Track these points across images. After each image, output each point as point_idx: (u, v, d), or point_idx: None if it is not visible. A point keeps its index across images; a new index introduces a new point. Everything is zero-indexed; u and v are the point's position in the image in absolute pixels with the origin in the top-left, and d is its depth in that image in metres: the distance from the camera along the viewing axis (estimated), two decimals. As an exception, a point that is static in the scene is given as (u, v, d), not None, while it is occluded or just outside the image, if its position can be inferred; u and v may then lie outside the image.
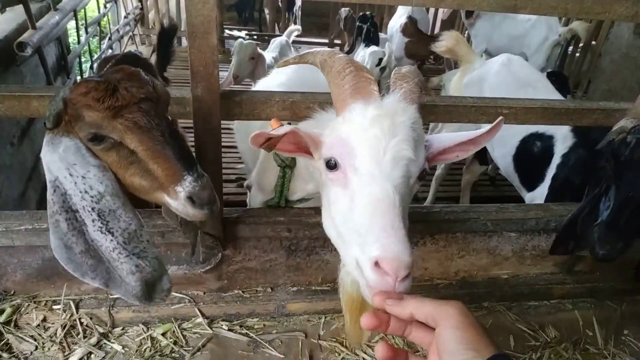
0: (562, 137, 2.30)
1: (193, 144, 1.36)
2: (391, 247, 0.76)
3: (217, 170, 1.39)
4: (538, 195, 2.33)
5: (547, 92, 2.64)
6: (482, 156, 3.22)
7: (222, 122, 1.35)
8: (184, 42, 7.30)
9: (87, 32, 4.20)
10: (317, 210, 1.62)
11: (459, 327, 0.68)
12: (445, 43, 3.16)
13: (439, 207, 1.76)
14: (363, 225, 0.82)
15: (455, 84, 3.21)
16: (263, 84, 2.24)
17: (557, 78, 3.56)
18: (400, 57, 5.17)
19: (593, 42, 5.87)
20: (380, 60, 4.35)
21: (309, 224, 1.58)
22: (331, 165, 0.93)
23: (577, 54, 6.03)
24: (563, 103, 1.61)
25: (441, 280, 1.82)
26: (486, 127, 1.03)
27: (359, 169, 0.88)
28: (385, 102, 0.94)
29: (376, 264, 0.75)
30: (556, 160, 2.28)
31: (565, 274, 1.94)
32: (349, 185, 0.90)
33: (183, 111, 1.32)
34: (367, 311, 0.84)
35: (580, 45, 6.04)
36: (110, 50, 5.35)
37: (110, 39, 5.27)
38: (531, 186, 2.41)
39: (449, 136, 1.05)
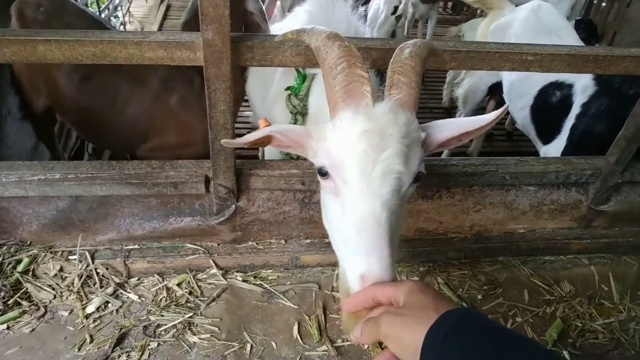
0: (582, 86, 2.21)
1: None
2: (374, 267, 0.80)
3: (229, 118, 1.35)
4: (553, 148, 2.27)
5: (570, 40, 2.52)
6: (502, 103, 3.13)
7: (234, 69, 1.30)
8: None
9: (93, -19, 4.08)
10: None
11: (411, 293, 0.74)
12: None
13: (456, 159, 1.71)
14: (352, 238, 0.85)
15: (482, 30, 3.10)
16: (281, 25, 2.16)
17: (585, 26, 3.41)
18: (416, 2, 4.95)
19: (621, -10, 5.57)
20: (396, 8, 4.18)
21: (323, 176, 1.55)
22: (322, 173, 0.92)
23: (604, 3, 5.74)
24: (592, 49, 1.52)
25: (456, 234, 1.80)
26: (490, 114, 1.00)
27: (348, 182, 0.87)
28: (377, 111, 0.89)
29: (362, 278, 0.81)
30: (575, 110, 2.20)
31: (582, 229, 1.91)
32: (339, 195, 0.90)
33: (192, 56, 1.27)
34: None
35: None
36: (117, 1, 5.23)
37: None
38: (547, 139, 2.34)
39: (450, 124, 1.02)
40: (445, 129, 1.01)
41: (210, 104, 1.32)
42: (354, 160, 0.86)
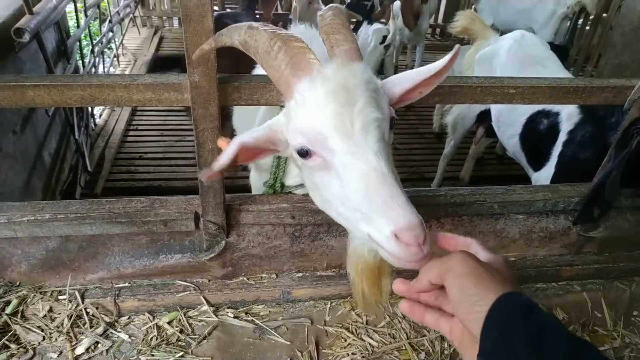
0: (568, 114, 2.26)
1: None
2: (400, 218, 0.75)
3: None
4: (544, 174, 2.30)
5: (556, 70, 2.58)
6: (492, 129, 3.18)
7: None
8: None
9: (86, 16, 4.14)
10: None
11: (461, 275, 0.69)
12: (460, 23, 3.12)
13: (444, 190, 1.73)
14: (362, 203, 0.81)
15: (468, 60, 3.17)
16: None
17: (555, 51, 3.50)
18: (402, 28, 5.03)
19: (604, 15, 5.72)
20: (385, 37, 4.26)
21: (312, 210, 1.56)
22: (303, 153, 0.89)
23: (587, 27, 5.88)
24: (571, 81, 1.56)
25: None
26: (443, 59, 0.99)
27: (334, 150, 0.85)
28: (330, 71, 0.88)
29: (395, 236, 0.75)
30: (562, 137, 2.24)
31: (573, 255, 1.92)
32: (331, 167, 0.86)
33: (180, 97, 1.29)
34: (385, 275, 0.96)
35: (591, 18, 5.88)
36: (110, 33, 5.30)
37: (110, 21, 5.21)
38: (538, 165, 2.37)
39: (407, 76, 1.01)
40: (402, 81, 1.00)
41: (198, 143, 1.33)
42: (331, 125, 0.84)
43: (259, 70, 2.25)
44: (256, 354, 1.48)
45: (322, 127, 0.85)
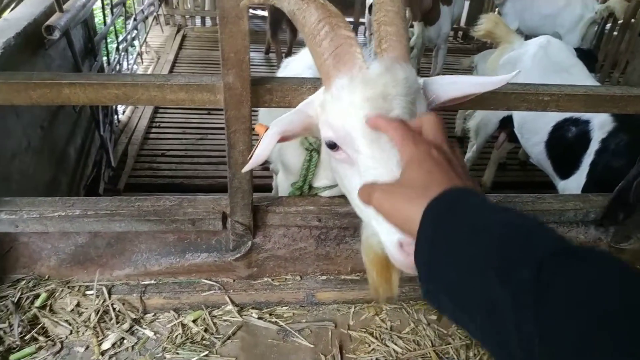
0: (600, 123, 2.21)
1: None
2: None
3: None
4: (573, 183, 2.25)
5: (582, 78, 2.54)
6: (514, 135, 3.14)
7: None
8: (207, 21, 7.26)
9: (112, 14, 4.20)
10: (348, 201, 1.58)
11: (411, 162, 0.71)
12: (484, 26, 3.09)
13: (472, 196, 1.71)
14: None
15: (492, 64, 3.13)
16: (292, 65, 2.18)
17: (580, 56, 3.44)
18: (422, 28, 4.97)
19: (632, 20, 5.60)
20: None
21: (339, 213, 1.55)
22: (331, 145, 0.90)
23: (615, 33, 5.77)
24: (608, 90, 1.52)
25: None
26: (499, 78, 0.99)
27: (359, 151, 0.85)
28: (372, 74, 0.86)
29: (400, 244, 0.77)
30: (594, 146, 2.20)
31: (602, 266, 1.87)
32: (355, 164, 0.87)
33: (213, 99, 1.30)
34: (395, 269, 0.96)
35: (619, 23, 5.76)
36: (135, 31, 5.37)
37: (135, 19, 5.27)
38: (565, 174, 2.33)
39: (459, 83, 0.99)
40: (452, 88, 0.98)
41: (229, 144, 1.34)
42: (361, 130, 0.84)
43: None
44: (280, 355, 1.47)
45: (352, 130, 0.85)
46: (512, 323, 0.49)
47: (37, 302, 1.47)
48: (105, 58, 4.00)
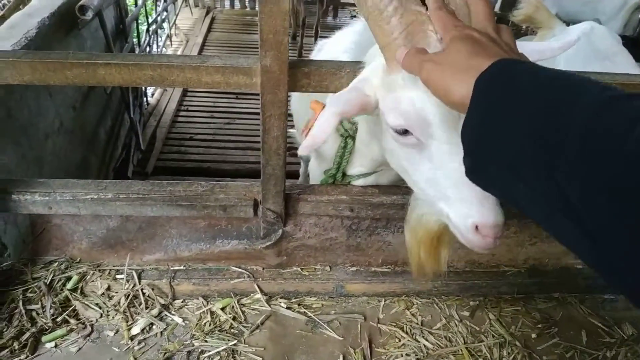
0: None
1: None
2: (490, 215, 0.81)
3: (281, 144, 1.33)
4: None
5: (626, 67, 2.40)
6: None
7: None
8: (236, 4, 7.22)
9: (143, -5, 4.20)
10: (382, 190, 1.54)
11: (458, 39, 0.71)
12: (524, 11, 2.96)
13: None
14: (452, 189, 0.84)
15: None
16: (327, 48, 2.12)
17: (626, 44, 3.28)
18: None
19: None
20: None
21: (372, 203, 1.50)
22: (400, 132, 0.87)
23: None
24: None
25: (509, 267, 1.72)
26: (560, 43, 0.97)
27: (435, 137, 0.83)
28: None
29: (475, 227, 0.83)
30: None
31: None
32: (425, 149, 0.86)
33: (249, 82, 1.26)
34: (444, 245, 1.03)
35: (666, 9, 5.47)
36: (165, 13, 5.36)
37: (165, 1, 5.26)
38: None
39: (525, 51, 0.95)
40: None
41: (264, 129, 1.30)
42: (438, 114, 0.82)
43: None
44: (308, 347, 1.44)
45: (430, 115, 0.82)
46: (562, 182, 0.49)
47: (69, 285, 1.48)
48: (135, 40, 4.01)
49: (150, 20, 4.61)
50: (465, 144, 0.64)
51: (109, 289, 1.51)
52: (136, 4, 3.92)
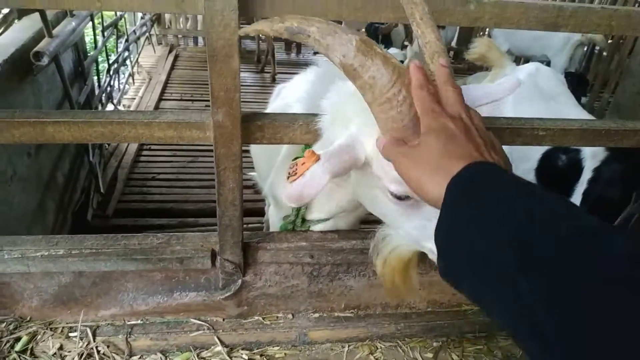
0: (592, 151, 2.21)
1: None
2: None
3: (237, 195, 1.33)
4: (566, 212, 2.24)
5: (569, 106, 2.55)
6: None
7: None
8: (200, 41, 7.27)
9: (104, 36, 4.18)
10: (341, 235, 1.55)
11: (430, 131, 0.74)
12: (477, 50, 3.11)
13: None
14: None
15: None
16: (285, 93, 2.15)
17: (572, 79, 3.49)
18: (419, 52, 5.01)
19: (621, 41, 5.68)
20: (401, 62, 4.26)
21: (332, 249, 1.51)
22: (401, 197, 0.91)
23: (605, 53, 5.84)
24: (604, 123, 1.51)
25: (470, 306, 1.74)
26: (507, 86, 1.00)
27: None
28: None
29: None
30: (587, 174, 2.19)
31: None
32: (422, 207, 0.90)
33: (202, 136, 1.26)
34: (413, 267, 1.12)
35: (609, 42, 5.83)
36: (127, 52, 5.35)
37: (127, 40, 5.25)
38: (558, 202, 2.31)
39: (468, 95, 0.93)
40: (469, 99, 0.94)
41: (218, 181, 1.30)
42: None
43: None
44: (271, 399, 1.42)
45: None
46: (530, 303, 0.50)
47: (17, 346, 1.41)
48: (95, 78, 3.97)
49: (111, 59, 4.59)
50: (438, 247, 0.66)
51: (61, 348, 1.44)
52: (96, 45, 3.90)
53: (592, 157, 2.12)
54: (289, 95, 1.95)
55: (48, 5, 1.06)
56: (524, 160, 2.49)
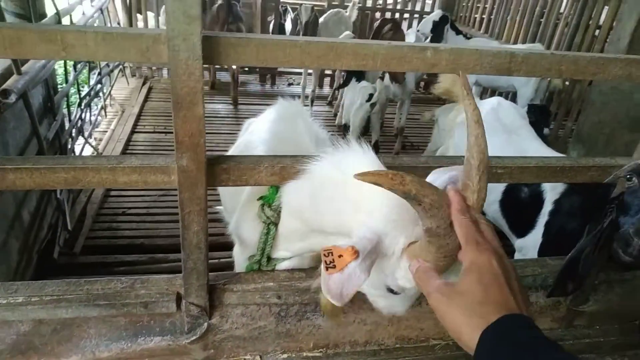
0: (552, 184, 2.29)
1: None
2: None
3: (202, 238, 1.33)
4: (530, 242, 2.30)
5: (530, 140, 2.66)
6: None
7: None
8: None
9: (75, 70, 4.16)
10: (308, 274, 1.56)
11: (471, 271, 0.75)
12: (443, 85, 3.21)
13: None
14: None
15: (450, 123, 3.24)
16: (252, 128, 2.17)
17: (535, 110, 3.64)
18: (388, 84, 5.08)
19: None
20: (371, 95, 4.35)
21: (299, 288, 1.52)
22: (392, 291, 1.05)
23: (567, 83, 6.09)
24: (559, 161, 1.58)
25: (437, 341, 1.75)
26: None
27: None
28: None
29: None
30: (548, 207, 2.26)
31: (564, 329, 1.88)
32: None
33: (167, 180, 1.27)
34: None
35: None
36: (99, 85, 5.32)
37: (100, 73, 5.23)
38: (521, 233, 2.38)
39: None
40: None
41: (183, 225, 1.30)
42: None
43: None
44: None
45: None
46: None
47: (-28, 399, 1.35)
48: (66, 111, 3.92)
49: (84, 92, 4.55)
50: None
51: (18, 401, 1.39)
52: (67, 81, 3.88)
53: (552, 189, 2.20)
54: (256, 132, 1.98)
55: (12, 55, 1.06)
56: (489, 192, 2.54)
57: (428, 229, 0.81)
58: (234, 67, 5.94)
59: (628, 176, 1.49)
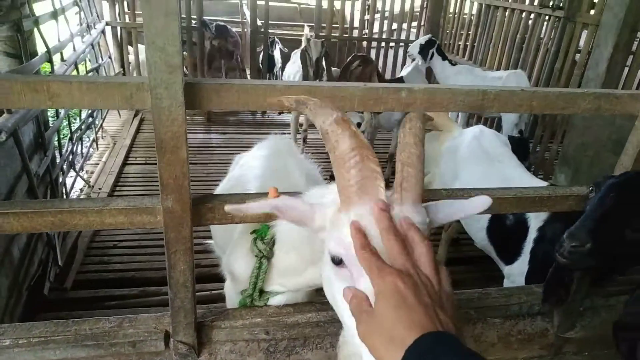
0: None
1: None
2: None
3: (189, 276, 1.35)
4: (517, 269, 2.33)
5: (512, 166, 2.70)
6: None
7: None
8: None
9: (66, 105, 4.20)
10: (296, 309, 1.57)
11: (384, 297, 0.74)
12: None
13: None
14: None
15: (435, 152, 3.30)
16: (243, 162, 2.21)
17: (513, 142, 3.74)
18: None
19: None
20: (359, 124, 4.43)
21: (287, 324, 1.53)
22: (336, 261, 0.92)
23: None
24: (537, 191, 1.62)
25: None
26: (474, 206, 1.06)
27: (363, 274, 0.85)
28: (393, 213, 0.91)
29: None
30: (532, 234, 2.29)
31: (552, 356, 1.90)
32: (356, 283, 0.88)
33: (153, 220, 1.30)
34: None
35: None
36: (90, 118, 5.37)
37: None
38: (509, 260, 2.40)
39: (445, 210, 1.03)
40: (443, 214, 1.03)
41: (169, 264, 1.32)
42: None
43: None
44: None
45: None
46: None
47: None
48: (57, 145, 3.94)
49: (75, 125, 4.59)
50: None
51: None
52: (57, 115, 3.92)
53: (535, 217, 2.24)
54: (248, 167, 2.02)
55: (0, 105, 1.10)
56: (476, 220, 2.59)
57: (321, 128, 0.96)
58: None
59: (591, 188, 1.55)
